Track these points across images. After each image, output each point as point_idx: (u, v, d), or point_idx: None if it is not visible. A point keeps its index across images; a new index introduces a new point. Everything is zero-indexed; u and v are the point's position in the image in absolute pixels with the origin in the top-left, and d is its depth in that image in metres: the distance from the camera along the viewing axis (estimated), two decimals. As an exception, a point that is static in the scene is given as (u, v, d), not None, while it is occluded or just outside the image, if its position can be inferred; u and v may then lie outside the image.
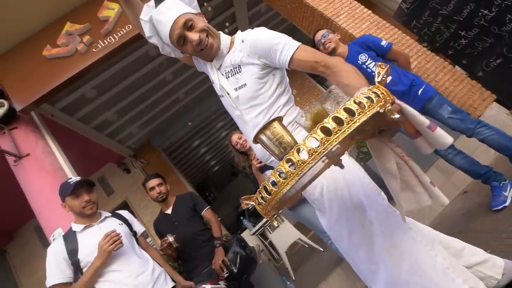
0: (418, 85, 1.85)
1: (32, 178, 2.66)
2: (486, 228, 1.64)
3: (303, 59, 0.93)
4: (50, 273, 1.33)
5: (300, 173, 0.55)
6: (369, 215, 0.91)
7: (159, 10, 0.99)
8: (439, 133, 0.69)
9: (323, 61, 0.90)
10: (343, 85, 0.82)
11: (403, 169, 0.72)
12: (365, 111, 0.53)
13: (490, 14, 2.08)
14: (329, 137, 0.53)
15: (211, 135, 7.68)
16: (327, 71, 0.90)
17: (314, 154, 0.54)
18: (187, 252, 1.92)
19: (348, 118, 0.53)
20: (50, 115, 3.63)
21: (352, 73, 0.82)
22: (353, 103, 0.54)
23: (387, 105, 0.55)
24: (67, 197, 1.44)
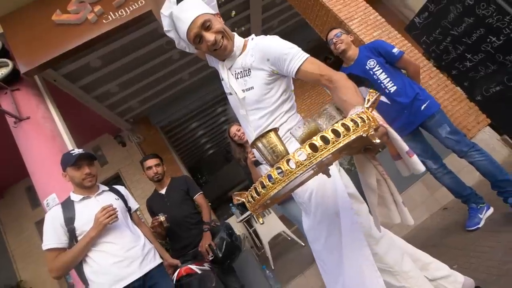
0: (422, 100, 1.83)
1: (31, 142, 2.69)
2: (458, 245, 1.76)
3: (309, 71, 0.98)
4: (46, 237, 1.40)
5: (287, 180, 0.63)
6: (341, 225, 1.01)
7: (180, 8, 1.03)
8: (414, 160, 0.77)
9: (327, 75, 0.96)
10: (342, 101, 0.88)
11: (382, 186, 0.80)
12: (349, 134, 0.61)
13: (498, 42, 2.13)
14: (315, 153, 0.61)
15: (210, 119, 7.69)
16: (329, 85, 0.96)
17: (300, 166, 0.61)
18: (176, 232, 2.01)
19: (334, 138, 0.60)
20: (52, 80, 3.62)
21: (352, 91, 0.88)
22: (340, 125, 0.62)
23: (370, 130, 0.62)
24: (68, 168, 1.50)
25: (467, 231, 1.79)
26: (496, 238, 1.59)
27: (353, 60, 1.98)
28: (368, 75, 1.91)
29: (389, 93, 1.86)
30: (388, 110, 1.87)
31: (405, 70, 1.96)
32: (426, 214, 2.46)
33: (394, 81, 1.86)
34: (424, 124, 1.83)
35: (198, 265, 1.69)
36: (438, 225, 2.21)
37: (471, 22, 2.21)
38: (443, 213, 2.35)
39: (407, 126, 1.86)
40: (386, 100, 1.89)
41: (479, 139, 2.68)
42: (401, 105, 1.83)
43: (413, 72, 1.96)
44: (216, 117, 7.92)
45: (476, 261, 1.51)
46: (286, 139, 1.08)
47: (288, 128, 1.08)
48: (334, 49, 2.03)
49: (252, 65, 1.05)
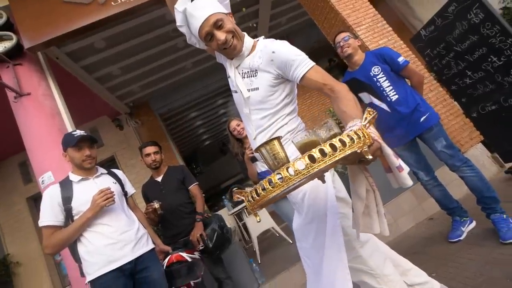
0: (422, 111, 1.83)
1: (30, 118, 2.69)
2: (438, 254, 1.83)
3: (313, 79, 1.02)
4: (44, 215, 1.43)
5: (285, 185, 0.68)
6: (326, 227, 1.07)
7: (194, 5, 1.05)
8: (404, 175, 0.82)
9: (330, 85, 1.00)
10: (342, 112, 0.93)
11: (369, 196, 0.85)
12: (345, 149, 0.67)
13: (498, 62, 2.18)
14: (313, 164, 0.67)
15: (209, 110, 7.69)
16: (331, 95, 1.00)
17: (299, 174, 0.67)
18: (169, 220, 2.06)
19: (330, 152, 0.66)
20: (55, 57, 3.59)
21: (352, 103, 0.93)
22: (337, 141, 0.67)
23: (365, 147, 0.68)
24: (69, 148, 1.52)
25: (449, 242, 1.87)
26: (475, 251, 1.67)
27: (358, 65, 1.98)
28: (372, 82, 1.91)
29: (390, 101, 1.87)
30: (387, 118, 1.91)
31: (409, 79, 1.95)
32: (412, 223, 2.54)
33: (396, 90, 1.86)
34: (422, 135, 1.85)
35: (189, 253, 1.74)
36: (423, 234, 2.28)
37: (474, 40, 2.26)
38: (429, 223, 2.42)
39: (405, 135, 1.89)
40: (387, 108, 1.90)
41: (471, 155, 2.76)
42: (401, 114, 1.84)
43: (417, 82, 1.94)
44: (216, 109, 7.92)
45: (454, 271, 1.58)
46: (285, 141, 1.12)
47: (288, 130, 1.12)
48: (340, 53, 2.01)
49: (259, 67, 1.08)
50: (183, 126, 7.67)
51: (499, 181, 2.49)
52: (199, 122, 8.11)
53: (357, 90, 2.02)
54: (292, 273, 2.41)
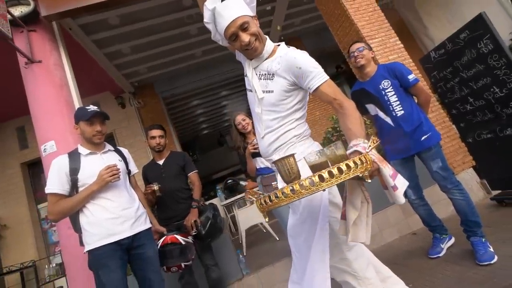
0: (425, 130, 1.87)
1: (39, 86, 2.71)
2: (417, 267, 1.94)
3: (325, 92, 1.09)
4: (50, 182, 1.48)
5: (296, 197, 0.81)
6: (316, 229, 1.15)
7: (224, 5, 1.10)
8: (397, 194, 0.91)
9: (340, 100, 1.07)
10: (347, 128, 1.01)
11: (363, 207, 0.93)
12: (349, 173, 0.79)
13: (500, 93, 2.27)
14: (321, 183, 0.78)
15: (212, 100, 7.72)
16: (339, 109, 1.07)
17: (308, 189, 0.79)
18: (166, 203, 2.12)
19: (337, 174, 0.78)
20: (68, 28, 3.59)
21: (358, 122, 1.01)
22: (344, 166, 0.78)
23: (366, 172, 0.81)
24: (81, 122, 1.57)
25: (429, 258, 1.97)
26: (452, 269, 1.77)
27: (369, 76, 2.01)
28: (380, 95, 1.95)
29: (395, 116, 1.92)
30: (390, 132, 1.97)
31: (416, 97, 2.00)
32: (397, 235, 2.65)
33: (403, 106, 1.90)
34: (420, 153, 1.91)
35: (183, 237, 1.82)
36: (405, 247, 2.39)
37: (481, 69, 2.34)
38: (412, 237, 2.53)
39: (404, 151, 1.95)
40: (391, 122, 1.94)
41: (461, 178, 2.87)
42: (404, 130, 1.89)
43: (424, 101, 1.98)
44: (219, 100, 7.95)
45: (429, 285, 1.68)
46: (291, 144, 1.20)
47: (295, 134, 1.19)
48: (353, 62, 2.03)
49: (276, 72, 1.14)
50: (185, 112, 7.69)
51: (484, 207, 2.60)
52: (200, 110, 8.13)
53: (364, 101, 2.08)
54: (276, 268, 2.51)
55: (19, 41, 2.79)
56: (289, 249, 2.63)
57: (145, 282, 1.55)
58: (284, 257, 2.60)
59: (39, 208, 5.45)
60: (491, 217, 2.35)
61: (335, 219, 1.20)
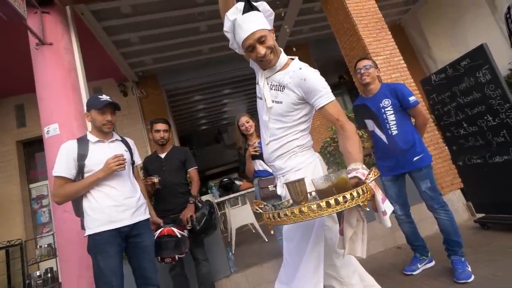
0: (417, 151, 1.94)
1: (47, 68, 2.74)
2: (398, 280, 2.04)
3: (329, 112, 1.16)
4: (58, 166, 1.53)
5: (304, 218, 0.88)
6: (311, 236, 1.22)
7: (244, 18, 1.17)
8: (386, 218, 1.00)
9: (342, 121, 1.15)
10: (347, 151, 1.10)
11: (359, 225, 1.01)
12: (353, 201, 0.87)
13: (492, 122, 2.39)
14: (328, 208, 0.87)
15: (214, 97, 7.76)
16: (340, 130, 1.16)
17: (315, 213, 0.87)
18: (164, 196, 2.17)
19: (342, 202, 0.87)
20: (80, 13, 3.62)
21: (357, 146, 1.09)
22: (348, 195, 0.87)
23: (366, 202, 0.91)
24: (93, 110, 1.62)
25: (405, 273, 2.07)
26: (430, 284, 1.86)
27: (372, 94, 2.08)
28: (379, 113, 2.03)
29: (390, 134, 2.00)
30: (384, 149, 2.06)
31: (414, 118, 2.07)
32: (382, 248, 2.75)
33: (399, 125, 1.98)
34: (411, 172, 1.99)
35: (179, 230, 1.88)
36: (389, 259, 2.49)
37: (477, 97, 2.46)
38: (396, 251, 2.63)
39: (395, 169, 2.04)
40: (385, 140, 2.03)
41: (448, 198, 2.98)
42: (398, 149, 1.97)
43: (421, 123, 2.05)
44: (220, 97, 8.00)
45: (408, 297, 1.77)
46: (293, 153, 1.27)
47: (298, 144, 1.27)
48: (359, 78, 2.10)
49: (287, 85, 1.21)
50: (185, 106, 7.72)
51: (467, 228, 2.72)
52: (201, 106, 8.17)
53: (364, 116, 2.17)
54: (264, 269, 2.58)
55: (32, 22, 2.81)
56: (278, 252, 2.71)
57: (139, 270, 1.61)
58: (272, 259, 2.67)
59: (30, 187, 5.43)
60: (473, 238, 2.46)
61: (327, 227, 1.28)
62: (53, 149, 2.58)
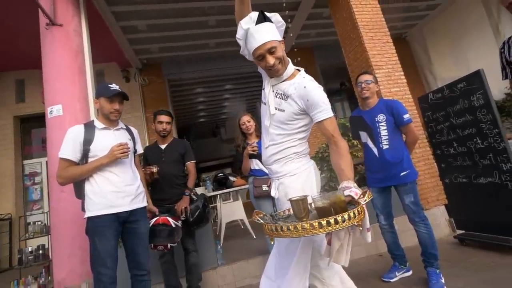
0: (404, 167, 2.04)
1: (55, 49, 2.76)
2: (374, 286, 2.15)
3: (326, 127, 1.24)
4: (64, 148, 1.58)
5: (305, 234, 0.94)
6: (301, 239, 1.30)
7: (257, 28, 1.22)
8: (368, 234, 1.07)
9: (336, 138, 1.23)
10: (340, 169, 1.17)
11: (346, 238, 1.09)
12: (349, 221, 0.94)
13: (481, 145, 2.50)
14: (328, 227, 0.92)
15: (216, 91, 7.80)
16: (333, 146, 1.23)
17: (315, 230, 0.93)
18: (161, 185, 2.24)
19: (340, 221, 0.93)
20: (91, -5, 3.63)
21: (349, 164, 1.17)
22: (346, 215, 0.93)
23: (360, 221, 0.98)
24: (102, 98, 1.68)
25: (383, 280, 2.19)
26: (406, 292, 1.98)
27: (369, 107, 2.18)
28: (374, 126, 2.14)
29: (381, 148, 2.11)
30: (375, 161, 2.16)
31: (405, 135, 2.17)
32: (364, 254, 2.86)
33: (390, 140, 2.09)
34: (397, 186, 2.10)
35: (174, 220, 1.95)
36: (369, 265, 2.60)
37: (469, 119, 2.57)
38: (377, 258, 2.75)
39: (383, 181, 2.14)
40: (376, 153, 2.14)
41: (432, 213, 3.11)
42: (386, 163, 2.08)
43: (411, 141, 2.16)
44: (222, 92, 8.03)
45: (384, 302, 1.88)
46: (290, 159, 1.35)
47: (295, 152, 1.34)
48: (359, 92, 2.21)
49: (291, 95, 1.29)
50: (186, 97, 7.74)
51: (447, 243, 2.85)
52: (202, 98, 8.19)
53: (359, 127, 2.27)
54: (250, 264, 2.67)
55: (44, 1, 2.83)
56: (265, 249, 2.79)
57: (133, 255, 1.68)
58: (259, 255, 2.77)
59: (24, 163, 5.44)
60: (451, 253, 2.58)
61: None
62: (55, 129, 2.63)
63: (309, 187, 1.34)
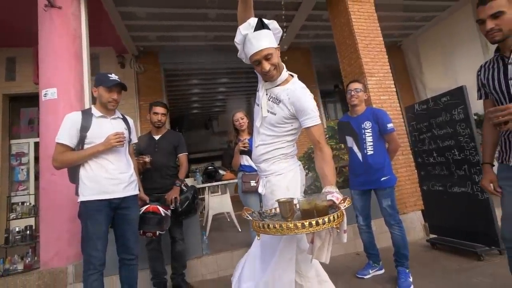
0: (385, 173, 2.17)
1: (53, 32, 2.75)
2: (350, 282, 2.30)
3: (313, 133, 1.33)
4: (62, 134, 1.63)
5: (289, 233, 1.02)
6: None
7: (254, 34, 1.29)
8: (344, 236, 1.17)
9: (322, 144, 1.32)
10: (323, 173, 1.26)
11: (327, 237, 1.19)
12: (329, 224, 1.02)
13: (458, 156, 2.67)
14: (309, 228, 1.01)
15: (211, 84, 7.81)
16: (318, 152, 1.33)
17: (298, 229, 1.01)
18: (152, 175, 2.30)
19: (321, 223, 1.01)
20: (92, -22, 3.58)
21: (332, 170, 1.27)
22: (327, 218, 1.01)
23: (339, 224, 1.06)
24: (101, 87, 1.72)
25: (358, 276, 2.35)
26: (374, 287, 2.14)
27: (357, 114, 2.31)
28: (360, 133, 2.27)
29: (365, 153, 2.24)
30: (358, 165, 2.28)
31: (388, 143, 2.30)
32: (342, 251, 3.02)
33: (374, 147, 2.22)
34: (376, 190, 2.24)
35: (164, 209, 2.03)
36: (346, 263, 2.76)
37: (449, 131, 2.73)
38: (355, 256, 2.91)
39: (365, 184, 2.27)
40: (360, 158, 2.27)
41: (410, 217, 3.29)
42: (369, 168, 2.21)
43: (393, 149, 2.30)
44: (217, 85, 8.05)
45: (356, 296, 2.03)
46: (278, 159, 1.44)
47: (283, 153, 1.44)
48: (348, 99, 2.33)
49: (283, 100, 1.37)
50: (181, 88, 7.73)
51: (419, 245, 3.03)
52: (196, 90, 8.19)
53: (346, 132, 2.39)
54: (234, 256, 2.78)
55: (44, -19, 2.80)
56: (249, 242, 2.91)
57: (122, 239, 1.75)
58: (243, 247, 2.87)
59: (11, 143, 5.35)
60: (422, 255, 2.76)
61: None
62: (48, 112, 2.64)
63: (294, 187, 1.44)
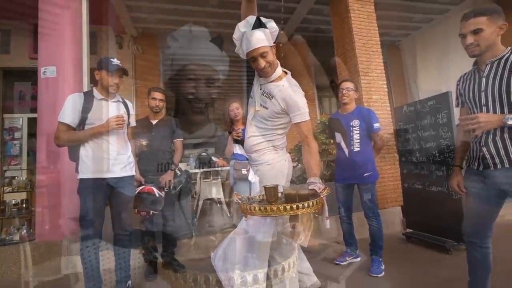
0: (368, 169, 2.32)
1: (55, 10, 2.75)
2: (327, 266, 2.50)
3: (302, 129, 1.44)
4: (65, 113, 1.70)
5: (273, 215, 1.13)
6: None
7: (252, 33, 1.38)
8: (327, 222, 1.31)
9: (309, 139, 1.43)
10: (309, 166, 1.38)
11: (307, 222, 1.32)
12: (308, 209, 1.12)
13: (438, 158, 2.84)
14: (291, 211, 1.11)
15: (209, 70, 7.78)
16: (305, 146, 1.44)
17: (280, 211, 1.12)
18: (148, 158, 2.39)
19: (301, 207, 1.11)
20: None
21: (317, 163, 1.39)
22: (306, 203, 1.12)
23: (318, 210, 1.18)
24: (104, 70, 1.78)
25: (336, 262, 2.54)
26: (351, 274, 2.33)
27: (347, 112, 2.44)
28: (348, 130, 2.40)
29: (352, 150, 2.38)
30: (345, 160, 2.43)
31: (373, 142, 2.43)
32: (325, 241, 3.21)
33: (360, 144, 2.36)
34: (359, 184, 2.40)
35: (158, 190, 2.14)
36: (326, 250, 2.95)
37: (432, 134, 2.89)
38: (336, 245, 3.11)
39: (349, 178, 2.42)
40: (347, 154, 2.42)
41: (389, 211, 3.49)
42: (354, 163, 2.35)
43: (378, 147, 2.45)
44: (215, 72, 8.03)
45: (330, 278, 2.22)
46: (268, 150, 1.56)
47: (273, 145, 1.55)
48: (340, 97, 2.45)
49: (275, 96, 1.47)
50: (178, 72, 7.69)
51: (396, 238, 3.24)
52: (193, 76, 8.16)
53: (335, 128, 2.52)
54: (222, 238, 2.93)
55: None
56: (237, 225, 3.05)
57: (118, 217, 1.87)
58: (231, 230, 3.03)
59: (4, 117, 5.32)
60: (397, 247, 2.97)
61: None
62: (46, 89, 2.69)
63: (282, 176, 1.57)
